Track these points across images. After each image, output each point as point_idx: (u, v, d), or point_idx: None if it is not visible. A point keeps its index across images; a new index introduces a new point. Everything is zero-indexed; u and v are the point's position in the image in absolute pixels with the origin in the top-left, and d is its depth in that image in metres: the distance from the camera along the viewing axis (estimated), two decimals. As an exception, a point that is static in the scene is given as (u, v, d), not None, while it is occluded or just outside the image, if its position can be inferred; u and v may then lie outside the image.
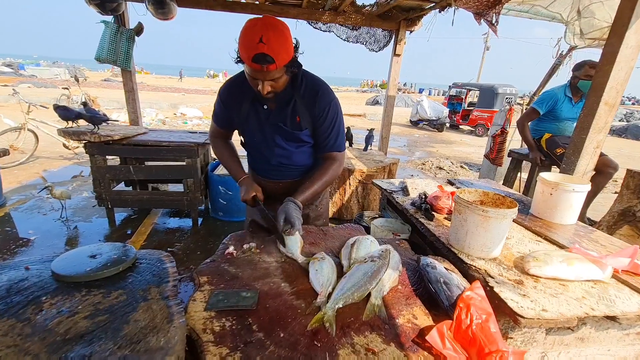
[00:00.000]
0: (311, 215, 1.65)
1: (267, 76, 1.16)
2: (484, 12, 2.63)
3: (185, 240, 3.03)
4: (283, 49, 1.13)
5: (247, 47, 1.11)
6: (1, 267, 1.01)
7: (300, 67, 1.32)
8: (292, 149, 1.44)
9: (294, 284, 1.06)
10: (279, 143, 1.42)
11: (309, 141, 1.44)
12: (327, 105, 1.36)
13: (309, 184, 1.39)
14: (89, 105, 3.09)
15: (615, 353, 1.14)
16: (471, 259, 1.25)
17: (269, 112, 1.38)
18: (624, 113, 18.50)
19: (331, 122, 1.38)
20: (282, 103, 1.35)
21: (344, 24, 4.15)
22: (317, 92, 1.35)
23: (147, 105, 10.99)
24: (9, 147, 3.88)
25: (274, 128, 1.39)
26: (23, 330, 0.76)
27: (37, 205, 3.54)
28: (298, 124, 1.37)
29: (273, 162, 1.47)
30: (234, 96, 1.41)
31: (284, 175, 1.52)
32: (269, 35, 1.09)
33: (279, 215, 1.28)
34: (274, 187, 1.55)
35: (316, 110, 1.35)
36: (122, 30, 3.51)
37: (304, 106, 1.35)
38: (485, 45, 24.77)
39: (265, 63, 1.11)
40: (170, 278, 1.01)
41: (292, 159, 1.47)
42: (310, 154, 1.51)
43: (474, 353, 0.78)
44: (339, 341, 0.82)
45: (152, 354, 0.71)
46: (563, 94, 3.01)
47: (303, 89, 1.34)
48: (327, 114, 1.36)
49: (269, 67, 1.12)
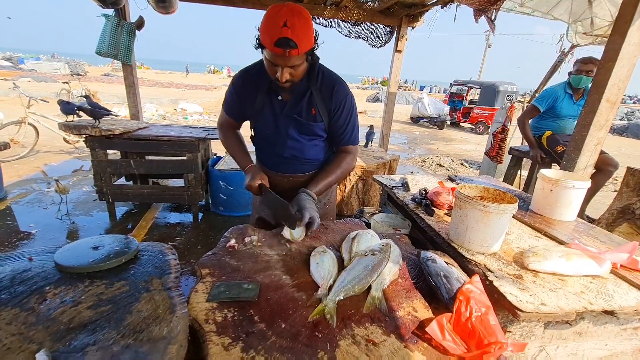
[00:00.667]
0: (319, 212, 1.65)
1: (288, 62, 1.16)
2: (485, 9, 2.62)
3: (186, 234, 3.04)
4: (306, 35, 1.14)
5: (271, 31, 1.10)
6: (4, 257, 1.02)
7: (317, 58, 1.33)
8: (305, 142, 1.43)
9: (295, 276, 1.07)
10: (292, 135, 1.40)
11: (322, 135, 1.44)
12: (343, 99, 1.37)
13: (324, 175, 1.39)
14: (90, 98, 3.08)
15: (613, 348, 1.15)
16: (471, 254, 1.26)
17: (284, 104, 1.37)
18: (625, 112, 18.47)
19: (347, 117, 1.40)
20: (298, 95, 1.35)
21: (345, 19, 4.13)
22: (333, 86, 1.35)
23: (147, 100, 10.97)
24: (9, 141, 3.87)
25: (288, 120, 1.38)
26: (27, 319, 0.77)
27: (38, 198, 3.54)
28: (314, 116, 1.37)
29: (285, 154, 1.45)
30: (248, 86, 1.39)
31: (295, 169, 1.50)
32: (293, 21, 1.09)
33: (292, 205, 1.26)
34: (283, 181, 1.53)
35: (332, 104, 1.36)
36: (123, 24, 3.49)
37: (320, 99, 1.35)
38: (487, 42, 24.67)
39: (288, 47, 1.11)
40: (173, 270, 1.02)
41: (305, 152, 1.46)
42: (322, 148, 1.50)
43: (473, 344, 0.79)
44: (340, 332, 0.83)
45: (155, 343, 0.72)
46: (563, 91, 3.02)
47: (320, 82, 1.35)
48: (343, 107, 1.37)
49: (291, 52, 1.12)
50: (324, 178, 1.38)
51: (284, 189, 1.50)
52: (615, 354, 1.16)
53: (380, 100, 19.81)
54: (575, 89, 2.98)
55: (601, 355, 1.15)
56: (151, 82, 19.48)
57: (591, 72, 2.83)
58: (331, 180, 1.40)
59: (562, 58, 4.54)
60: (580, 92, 3.01)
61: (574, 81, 2.94)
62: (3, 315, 0.77)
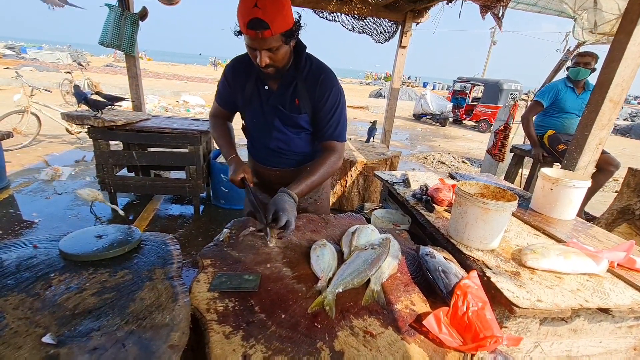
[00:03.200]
0: (310, 210, 1.63)
1: (264, 45, 1.13)
2: (491, 5, 2.60)
3: (187, 226, 3.06)
4: (279, 14, 1.10)
5: (243, 13, 1.09)
6: (10, 244, 1.04)
7: (304, 47, 1.30)
8: (291, 134, 1.41)
9: (295, 269, 1.08)
10: (277, 126, 1.39)
11: (307, 127, 1.41)
12: (328, 90, 1.32)
13: (306, 175, 1.32)
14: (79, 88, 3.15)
15: (607, 345, 1.16)
16: (469, 250, 1.27)
17: (270, 93, 1.35)
18: (629, 112, 18.36)
19: (331, 109, 1.34)
20: (284, 85, 1.33)
21: (350, 13, 4.11)
22: (319, 76, 1.32)
23: (150, 92, 10.95)
24: (12, 130, 3.88)
25: (273, 110, 1.37)
26: (33, 304, 0.79)
27: (41, 188, 3.56)
28: (297, 107, 1.34)
29: (271, 145, 1.43)
30: (239, 75, 1.38)
31: (281, 162, 1.49)
32: (264, 1, 1.07)
33: (269, 207, 1.17)
34: (271, 174, 1.52)
35: (316, 95, 1.32)
36: (127, 14, 3.48)
37: (305, 89, 1.32)
38: (492, 39, 24.44)
39: (260, 29, 1.08)
40: (175, 260, 1.04)
41: (291, 145, 1.44)
42: (309, 141, 1.47)
43: (469, 338, 0.81)
44: (339, 324, 0.85)
45: (158, 329, 0.74)
46: (564, 84, 3.04)
47: (306, 72, 1.32)
48: (327, 99, 1.32)
49: (264, 34, 1.09)
50: (307, 178, 1.31)
51: (272, 183, 1.48)
52: (609, 352, 1.17)
53: (383, 96, 19.73)
54: (575, 81, 3.00)
55: (595, 353, 1.16)
56: (153, 74, 19.42)
57: (589, 65, 2.87)
58: (314, 180, 1.32)
59: (566, 57, 4.51)
60: (581, 85, 3.02)
61: (572, 73, 2.98)
62: (10, 300, 0.79)
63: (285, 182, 1.32)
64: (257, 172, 1.54)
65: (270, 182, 1.53)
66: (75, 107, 3.42)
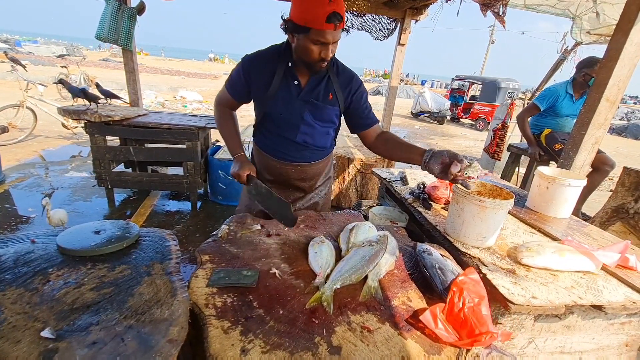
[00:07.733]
0: (320, 203, 1.67)
1: (337, 37, 1.19)
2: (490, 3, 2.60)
3: (185, 222, 3.06)
4: (343, 7, 1.18)
5: (318, 9, 1.12)
6: (7, 239, 1.03)
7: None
8: (318, 127, 1.44)
9: (293, 265, 1.09)
10: (306, 119, 1.41)
11: (336, 121, 1.48)
12: (359, 83, 1.45)
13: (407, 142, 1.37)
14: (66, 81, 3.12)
15: (600, 341, 1.18)
16: (466, 247, 1.28)
17: (300, 88, 1.37)
18: (625, 112, 18.48)
19: (366, 99, 1.47)
20: (317, 79, 1.37)
21: (348, 10, 4.09)
22: (350, 71, 1.43)
23: (147, 87, 10.87)
24: (7, 125, 3.85)
25: (304, 104, 1.38)
26: (31, 299, 0.79)
27: (37, 183, 3.54)
28: (330, 100, 1.40)
29: (297, 139, 1.44)
30: (262, 71, 1.37)
31: (304, 156, 1.50)
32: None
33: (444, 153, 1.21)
34: (289, 170, 1.52)
35: (352, 89, 1.41)
36: (124, 8, 3.44)
37: (337, 84, 1.39)
38: (491, 38, 24.47)
39: (338, 22, 1.14)
40: (173, 255, 1.04)
41: (316, 139, 1.47)
42: (331, 137, 1.55)
43: (465, 334, 0.82)
44: (336, 319, 0.86)
45: (157, 324, 0.74)
46: (564, 91, 3.02)
47: (337, 70, 1.40)
48: (362, 92, 1.44)
49: (340, 27, 1.16)
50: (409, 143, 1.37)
51: (288, 180, 1.50)
52: (601, 348, 1.19)
53: (381, 93, 19.69)
54: (576, 88, 2.99)
55: (588, 349, 1.18)
56: (150, 69, 19.27)
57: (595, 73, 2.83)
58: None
59: (564, 56, 4.52)
60: (580, 92, 3.02)
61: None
62: (8, 295, 0.79)
63: (303, 177, 1.45)
64: (271, 168, 1.52)
65: (287, 178, 1.53)
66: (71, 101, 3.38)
